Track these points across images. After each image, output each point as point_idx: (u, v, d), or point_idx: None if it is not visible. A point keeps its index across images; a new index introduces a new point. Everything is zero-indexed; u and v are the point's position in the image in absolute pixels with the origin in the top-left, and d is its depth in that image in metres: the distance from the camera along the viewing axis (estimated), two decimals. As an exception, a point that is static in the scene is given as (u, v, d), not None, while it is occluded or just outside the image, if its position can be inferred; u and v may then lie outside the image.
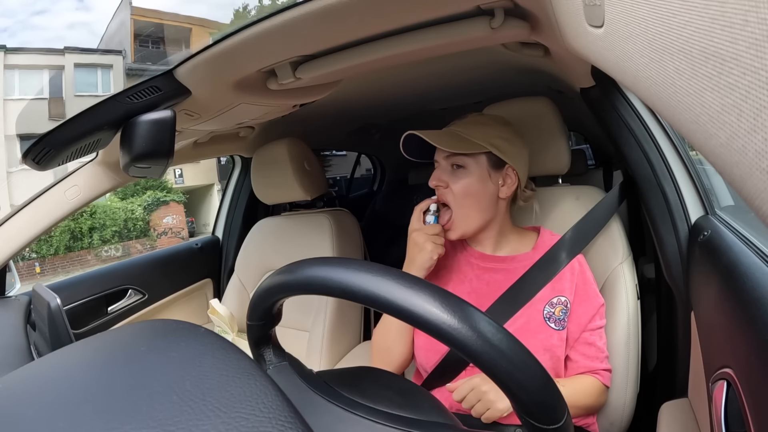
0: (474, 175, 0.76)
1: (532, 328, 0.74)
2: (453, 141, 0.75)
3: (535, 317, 0.75)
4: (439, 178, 0.77)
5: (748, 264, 0.50)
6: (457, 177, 0.76)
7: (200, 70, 0.68)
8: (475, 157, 0.76)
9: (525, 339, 0.76)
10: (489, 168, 0.77)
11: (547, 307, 0.76)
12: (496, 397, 0.65)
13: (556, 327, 0.74)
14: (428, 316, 0.30)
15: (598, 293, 0.78)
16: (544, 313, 0.75)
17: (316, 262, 0.37)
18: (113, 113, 0.69)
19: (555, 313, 0.75)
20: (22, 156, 0.70)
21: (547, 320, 0.75)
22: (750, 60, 0.15)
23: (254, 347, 0.45)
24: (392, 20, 0.57)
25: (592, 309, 0.76)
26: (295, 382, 0.41)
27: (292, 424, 0.24)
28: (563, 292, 0.76)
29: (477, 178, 0.76)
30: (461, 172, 0.76)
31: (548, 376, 0.32)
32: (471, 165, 0.76)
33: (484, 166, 0.77)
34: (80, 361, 0.31)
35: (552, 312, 0.75)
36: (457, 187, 0.76)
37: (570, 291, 0.77)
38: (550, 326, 0.74)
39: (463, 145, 0.75)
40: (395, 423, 0.36)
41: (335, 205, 1.48)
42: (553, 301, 0.76)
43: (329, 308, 1.18)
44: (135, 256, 1.65)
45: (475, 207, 0.77)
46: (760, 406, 0.38)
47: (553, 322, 0.75)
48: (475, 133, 0.77)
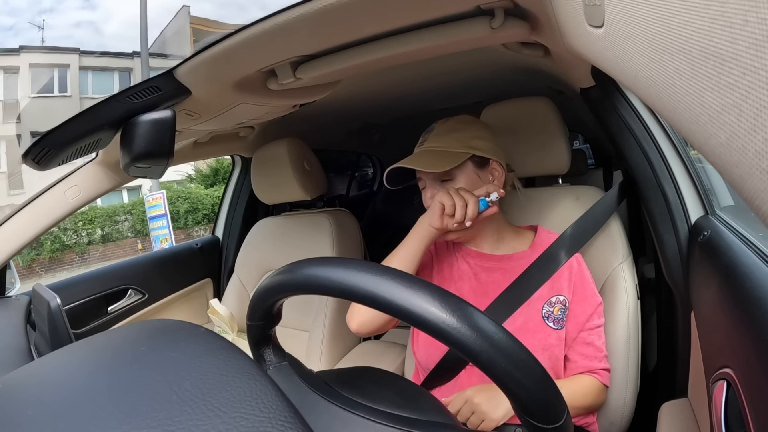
0: (463, 183, 0.76)
1: (530, 327, 0.74)
2: (434, 160, 0.75)
3: (534, 316, 0.75)
4: (433, 195, 0.78)
5: (748, 264, 0.50)
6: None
7: (200, 70, 0.68)
8: (459, 166, 0.76)
9: (524, 338, 0.75)
10: (475, 170, 0.78)
11: (546, 306, 0.76)
12: (489, 408, 0.66)
13: (554, 326, 0.74)
14: (427, 315, 0.30)
15: (596, 292, 0.78)
16: (543, 313, 0.75)
17: (316, 262, 0.37)
18: (113, 113, 0.69)
19: (554, 312, 0.75)
20: (22, 156, 0.70)
21: (546, 319, 0.75)
22: (750, 60, 0.15)
23: (254, 347, 0.45)
24: (392, 20, 0.57)
25: (590, 308, 0.76)
26: (295, 382, 0.41)
27: (292, 424, 0.24)
28: (562, 291, 0.76)
29: (467, 185, 0.76)
30: (450, 185, 0.77)
31: (547, 375, 0.32)
32: (458, 175, 0.77)
33: (471, 170, 0.77)
34: (80, 361, 0.31)
35: (551, 311, 0.75)
36: None
37: (568, 290, 0.77)
38: (548, 325, 0.74)
39: (445, 161, 0.75)
40: (396, 423, 0.36)
41: (335, 205, 1.48)
42: (552, 300, 0.76)
43: (329, 308, 1.18)
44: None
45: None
46: (760, 406, 0.38)
47: (552, 321, 0.75)
48: (450, 142, 0.77)
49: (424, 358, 0.79)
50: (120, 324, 1.26)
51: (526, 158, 0.95)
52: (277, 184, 1.28)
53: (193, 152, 1.26)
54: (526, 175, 0.98)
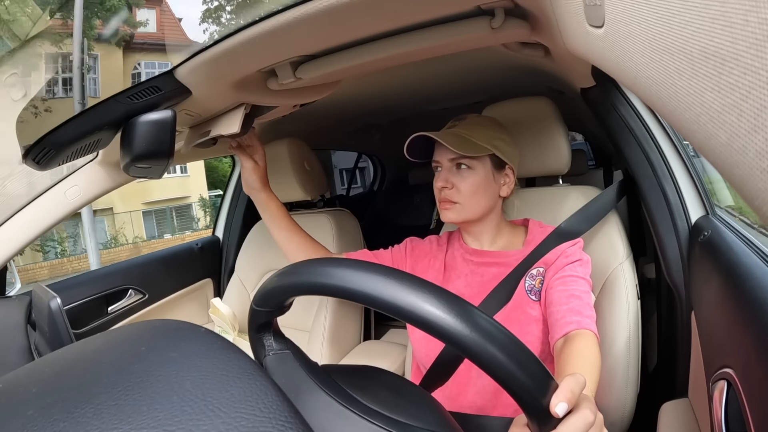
0: (480, 175, 0.78)
1: (516, 306, 0.76)
2: (460, 143, 0.76)
3: (519, 293, 0.76)
4: (447, 179, 0.79)
5: (748, 264, 0.50)
6: (463, 177, 0.78)
7: (200, 70, 0.68)
8: (480, 159, 0.78)
9: (515, 317, 0.75)
10: (492, 169, 0.80)
11: (528, 279, 0.77)
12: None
13: (535, 298, 0.76)
14: (425, 314, 0.30)
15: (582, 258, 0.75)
16: (526, 286, 0.77)
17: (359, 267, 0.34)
18: (113, 113, 0.69)
19: (535, 285, 0.76)
20: (23, 156, 0.70)
21: (529, 293, 0.76)
22: (750, 60, 0.15)
23: (254, 332, 0.44)
24: (392, 20, 0.57)
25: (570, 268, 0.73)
26: (298, 372, 0.40)
27: (292, 424, 0.24)
28: (540, 263, 0.78)
29: (483, 178, 0.78)
30: (467, 173, 0.78)
31: (547, 373, 0.32)
32: (477, 166, 0.78)
33: (489, 167, 0.79)
34: (80, 361, 0.31)
35: (533, 284, 0.77)
36: (465, 185, 0.78)
37: (546, 260, 0.77)
38: (531, 299, 0.76)
39: (470, 148, 0.76)
40: (394, 428, 0.35)
41: (335, 205, 1.48)
42: (533, 273, 0.77)
43: (329, 308, 1.18)
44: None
45: (481, 203, 0.79)
46: (760, 406, 0.38)
47: (534, 294, 0.76)
48: (478, 134, 0.78)
49: (424, 353, 0.79)
50: (120, 324, 1.26)
51: (526, 158, 0.95)
52: (277, 184, 1.28)
53: (194, 152, 1.26)
54: (527, 175, 0.98)
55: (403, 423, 0.36)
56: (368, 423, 0.35)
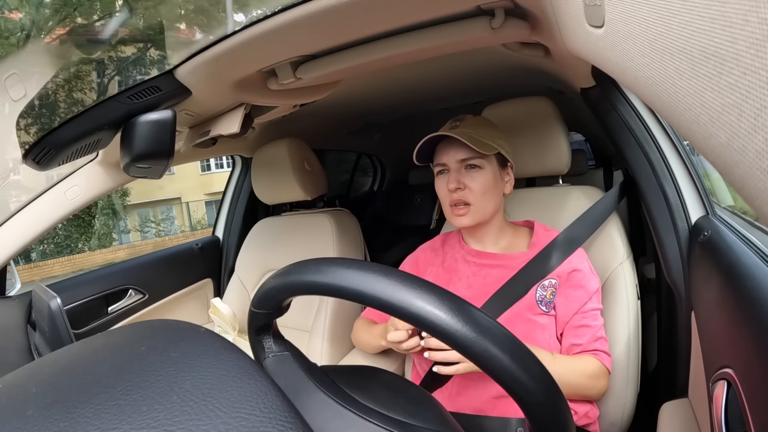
0: (489, 174, 0.79)
1: (524, 312, 0.76)
2: (473, 143, 0.76)
3: (528, 301, 0.77)
4: (458, 180, 0.79)
5: (748, 264, 0.50)
6: (474, 177, 0.79)
7: (200, 70, 0.68)
8: (488, 158, 0.79)
9: (519, 322, 0.76)
10: (498, 167, 0.81)
11: (540, 290, 0.77)
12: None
13: (546, 309, 0.76)
14: (417, 310, 0.30)
15: (593, 278, 0.79)
16: (537, 296, 0.77)
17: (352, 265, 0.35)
18: (114, 113, 0.69)
19: (546, 296, 0.77)
20: (23, 156, 0.70)
21: (539, 303, 0.77)
22: (750, 60, 0.15)
23: (254, 334, 0.44)
24: (392, 20, 0.57)
25: (585, 294, 0.77)
26: (297, 374, 0.40)
27: (293, 425, 0.24)
28: (554, 275, 0.78)
29: (492, 177, 0.79)
30: (477, 172, 0.79)
31: (547, 374, 0.32)
32: (486, 165, 0.79)
33: (495, 165, 0.80)
34: (80, 361, 0.31)
35: (544, 295, 0.77)
36: (476, 185, 0.78)
37: (559, 273, 0.78)
38: (541, 309, 0.76)
39: (483, 147, 0.77)
40: (393, 427, 0.35)
41: (335, 205, 1.48)
42: (545, 284, 0.78)
43: (329, 308, 1.18)
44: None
45: (491, 203, 0.80)
46: (760, 406, 0.38)
47: (545, 305, 0.77)
48: (484, 134, 0.79)
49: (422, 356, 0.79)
50: (120, 324, 1.26)
51: (527, 158, 0.95)
52: (277, 184, 1.28)
53: (194, 152, 1.26)
54: (527, 175, 0.98)
55: (401, 421, 0.36)
56: (366, 422, 0.35)
